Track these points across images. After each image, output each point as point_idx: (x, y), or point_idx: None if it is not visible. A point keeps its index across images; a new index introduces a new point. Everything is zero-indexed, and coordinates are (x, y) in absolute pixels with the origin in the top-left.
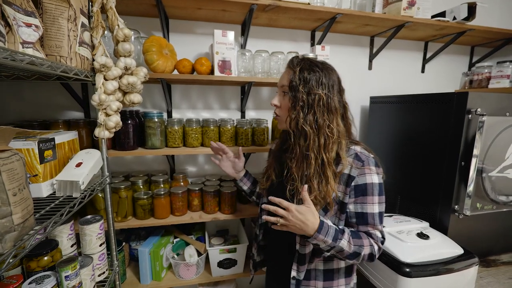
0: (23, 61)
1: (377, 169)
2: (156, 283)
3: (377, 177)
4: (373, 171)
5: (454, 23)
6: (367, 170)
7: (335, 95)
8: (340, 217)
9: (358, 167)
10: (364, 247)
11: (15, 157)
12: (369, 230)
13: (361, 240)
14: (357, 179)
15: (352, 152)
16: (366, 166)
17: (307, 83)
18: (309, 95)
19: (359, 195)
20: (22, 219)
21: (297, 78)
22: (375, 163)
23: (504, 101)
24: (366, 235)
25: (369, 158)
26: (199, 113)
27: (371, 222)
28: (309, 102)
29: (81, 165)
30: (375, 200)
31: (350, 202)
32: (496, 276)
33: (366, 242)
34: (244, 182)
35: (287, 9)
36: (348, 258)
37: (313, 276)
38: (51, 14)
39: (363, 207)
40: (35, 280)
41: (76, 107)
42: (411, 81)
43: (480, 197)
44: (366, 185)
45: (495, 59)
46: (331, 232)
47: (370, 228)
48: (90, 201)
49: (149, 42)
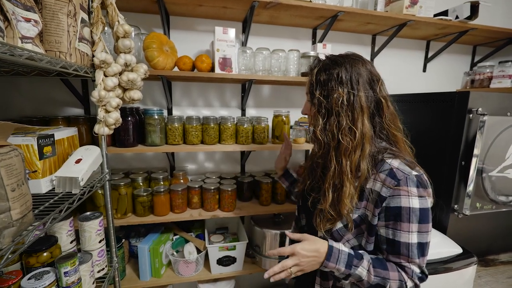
0: (22, 56)
1: (419, 191)
2: (155, 279)
3: (419, 200)
4: (412, 193)
5: (456, 22)
6: (403, 192)
7: (361, 90)
8: (368, 240)
9: (391, 186)
10: (390, 280)
11: (14, 153)
12: (402, 263)
13: (387, 272)
14: (388, 200)
15: (386, 167)
16: (402, 186)
17: (324, 85)
18: (328, 97)
19: (391, 219)
20: (21, 215)
21: (314, 82)
22: (417, 183)
23: (505, 101)
24: (396, 267)
25: (408, 177)
26: (200, 111)
27: (404, 253)
28: (327, 105)
29: (80, 162)
30: (413, 229)
31: (381, 225)
32: (494, 276)
33: (394, 276)
34: (282, 182)
35: (289, 7)
36: None
37: None
38: (50, 9)
39: (396, 234)
40: (34, 276)
41: (76, 103)
42: (413, 80)
43: (479, 196)
44: (401, 209)
45: (497, 58)
46: (343, 259)
47: (404, 260)
48: (90, 198)
49: (149, 39)
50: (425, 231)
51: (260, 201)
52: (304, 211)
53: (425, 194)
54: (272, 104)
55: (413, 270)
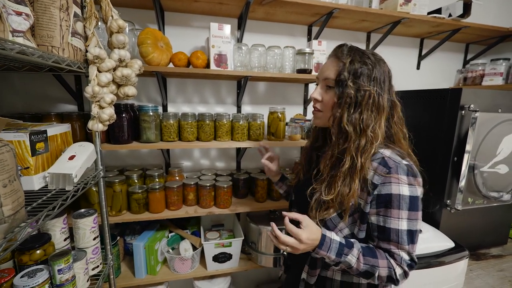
0: (13, 50)
1: (409, 179)
2: (151, 277)
3: (408, 188)
4: (402, 181)
5: (449, 20)
6: (394, 179)
7: (385, 91)
8: (360, 227)
9: (383, 174)
10: (379, 268)
11: (5, 148)
12: (391, 249)
13: (376, 260)
14: (380, 187)
15: (378, 156)
16: (393, 174)
17: (357, 78)
18: (358, 92)
19: (382, 206)
20: (13, 211)
21: (346, 72)
22: (407, 171)
23: (497, 98)
24: (385, 255)
25: (399, 165)
26: (195, 107)
27: (394, 239)
28: (357, 99)
29: (74, 158)
30: (403, 215)
31: (372, 213)
32: (485, 269)
33: (383, 263)
34: (280, 186)
35: (284, 3)
36: (361, 276)
37: (329, 286)
38: (42, 3)
39: (386, 220)
40: (27, 274)
41: (69, 100)
42: (407, 78)
43: (471, 192)
44: (391, 196)
45: (489, 56)
46: (334, 247)
47: (394, 246)
48: (84, 195)
49: (144, 34)
50: (414, 219)
51: (256, 197)
52: (296, 205)
53: (415, 183)
54: (268, 101)
55: (402, 257)
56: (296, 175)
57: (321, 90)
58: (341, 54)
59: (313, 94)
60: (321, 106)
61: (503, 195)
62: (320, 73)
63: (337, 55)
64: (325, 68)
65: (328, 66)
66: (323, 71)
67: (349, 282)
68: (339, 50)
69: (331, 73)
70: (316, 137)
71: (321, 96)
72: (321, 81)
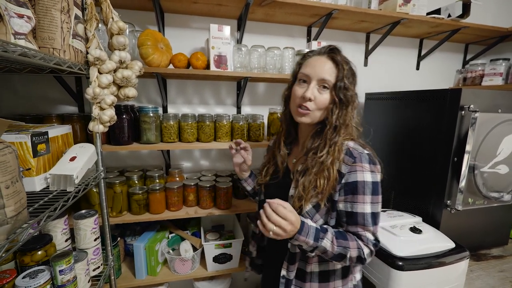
0: (15, 52)
1: (371, 167)
2: (151, 278)
3: (371, 175)
4: (365, 169)
5: (449, 21)
6: (359, 168)
7: (355, 88)
8: (331, 215)
9: (349, 163)
10: (350, 249)
11: (8, 150)
12: (358, 231)
13: (347, 241)
14: (347, 176)
15: (344, 147)
16: (358, 163)
17: (350, 83)
18: (349, 92)
19: (349, 193)
20: (15, 212)
21: (345, 77)
22: (369, 160)
23: (496, 98)
24: (354, 237)
25: (362, 155)
26: (195, 108)
27: (361, 222)
28: (348, 99)
29: (75, 159)
30: (367, 200)
31: (340, 200)
32: (486, 270)
33: (353, 245)
34: (249, 183)
35: (284, 4)
36: (334, 260)
37: (308, 279)
38: (43, 5)
39: (353, 206)
40: (28, 275)
41: (70, 101)
42: (406, 78)
43: (472, 192)
44: (357, 183)
45: (488, 56)
46: (312, 232)
47: (360, 229)
48: (85, 196)
49: (144, 36)
50: (376, 202)
51: None
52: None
53: (376, 170)
54: (268, 102)
55: (368, 238)
56: (266, 174)
57: (314, 90)
58: (339, 59)
59: (307, 93)
60: (313, 105)
61: (504, 196)
62: (314, 73)
63: (335, 59)
64: (320, 69)
65: (324, 68)
66: (320, 72)
67: (326, 270)
68: (336, 55)
69: (330, 76)
70: (288, 133)
71: (314, 96)
72: (318, 82)
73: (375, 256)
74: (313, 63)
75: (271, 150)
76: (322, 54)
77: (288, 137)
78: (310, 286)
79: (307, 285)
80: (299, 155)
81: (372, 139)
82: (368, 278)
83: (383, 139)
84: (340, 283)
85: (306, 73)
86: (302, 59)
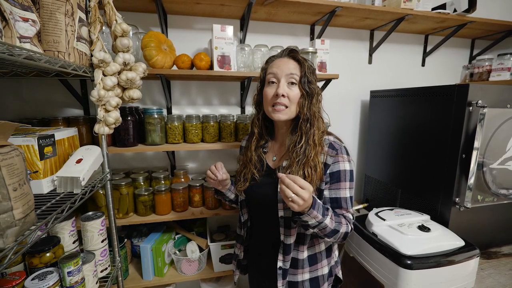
0: (21, 55)
1: (348, 157)
2: (158, 279)
3: (349, 164)
4: (345, 159)
5: (454, 16)
6: (341, 158)
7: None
8: None
9: (333, 155)
10: (342, 225)
11: (15, 152)
12: (343, 214)
13: (339, 218)
14: (332, 166)
15: (326, 141)
16: (339, 154)
17: (312, 76)
18: (313, 85)
19: (334, 181)
20: (23, 214)
21: (308, 70)
22: (346, 151)
23: (505, 93)
24: (341, 216)
25: (341, 147)
26: (199, 109)
27: (344, 206)
28: (313, 92)
29: (81, 162)
30: (347, 186)
31: (326, 188)
32: (497, 268)
33: (343, 221)
34: (232, 191)
35: (286, 3)
36: (328, 236)
37: (301, 265)
38: (48, 9)
39: (337, 192)
40: (37, 276)
41: (75, 104)
42: (412, 75)
43: (481, 189)
44: (340, 172)
45: (495, 51)
46: (320, 208)
47: (344, 211)
48: (91, 198)
49: (147, 38)
50: (352, 187)
51: None
52: (257, 204)
53: (351, 160)
54: None
55: (349, 217)
56: (244, 180)
57: (285, 87)
58: (299, 57)
59: (279, 90)
60: (287, 100)
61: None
62: (281, 71)
63: (296, 58)
64: (286, 67)
65: (290, 66)
66: (286, 69)
67: (313, 253)
68: (296, 55)
69: (295, 71)
70: (261, 137)
71: (286, 92)
72: (286, 77)
73: (383, 255)
74: (278, 63)
75: (245, 156)
76: (284, 56)
77: (261, 140)
78: (302, 271)
79: (299, 271)
80: (279, 152)
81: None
82: (376, 277)
83: (389, 137)
84: (326, 262)
85: (274, 72)
86: (266, 64)
